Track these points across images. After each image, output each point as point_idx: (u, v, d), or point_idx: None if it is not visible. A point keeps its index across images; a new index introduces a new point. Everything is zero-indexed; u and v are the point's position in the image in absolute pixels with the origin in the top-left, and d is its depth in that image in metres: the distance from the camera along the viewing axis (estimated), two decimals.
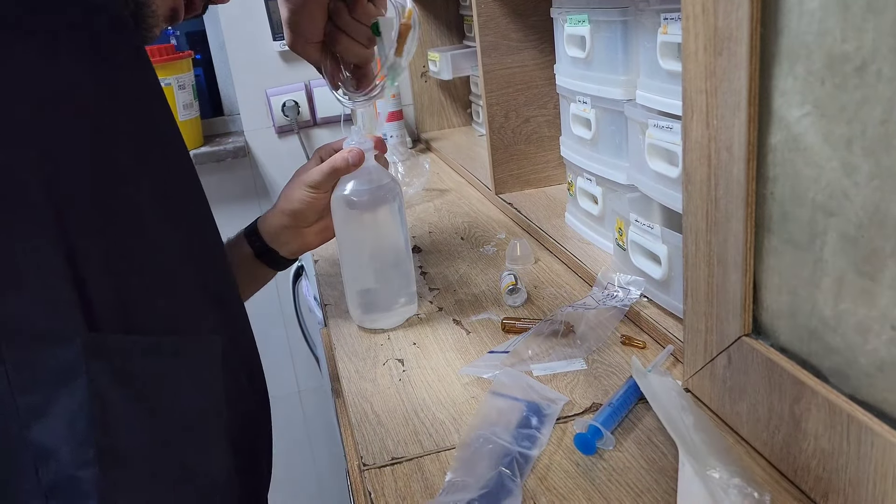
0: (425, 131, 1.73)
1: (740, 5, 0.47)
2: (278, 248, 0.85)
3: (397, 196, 0.79)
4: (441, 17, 1.68)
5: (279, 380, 1.88)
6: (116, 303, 0.48)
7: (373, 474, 0.58)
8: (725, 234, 0.53)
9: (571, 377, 0.68)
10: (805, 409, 0.48)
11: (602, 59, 0.85)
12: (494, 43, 1.12)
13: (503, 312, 0.82)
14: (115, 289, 0.48)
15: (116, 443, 0.47)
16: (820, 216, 0.46)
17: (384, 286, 0.81)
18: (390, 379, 0.71)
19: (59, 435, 0.46)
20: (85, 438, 0.46)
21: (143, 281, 0.50)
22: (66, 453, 0.46)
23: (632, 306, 0.77)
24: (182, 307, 0.53)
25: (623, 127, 0.84)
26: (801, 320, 0.49)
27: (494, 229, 1.09)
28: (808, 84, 0.45)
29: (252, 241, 0.85)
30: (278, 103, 1.65)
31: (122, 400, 0.47)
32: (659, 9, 0.70)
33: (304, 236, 0.85)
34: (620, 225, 0.80)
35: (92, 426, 0.46)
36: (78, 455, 0.46)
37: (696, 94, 0.53)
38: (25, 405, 0.45)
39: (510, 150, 1.17)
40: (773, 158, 0.49)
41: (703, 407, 0.61)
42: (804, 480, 0.50)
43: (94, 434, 0.46)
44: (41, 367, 0.45)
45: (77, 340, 0.45)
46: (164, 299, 0.52)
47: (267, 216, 0.86)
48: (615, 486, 0.54)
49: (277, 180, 1.73)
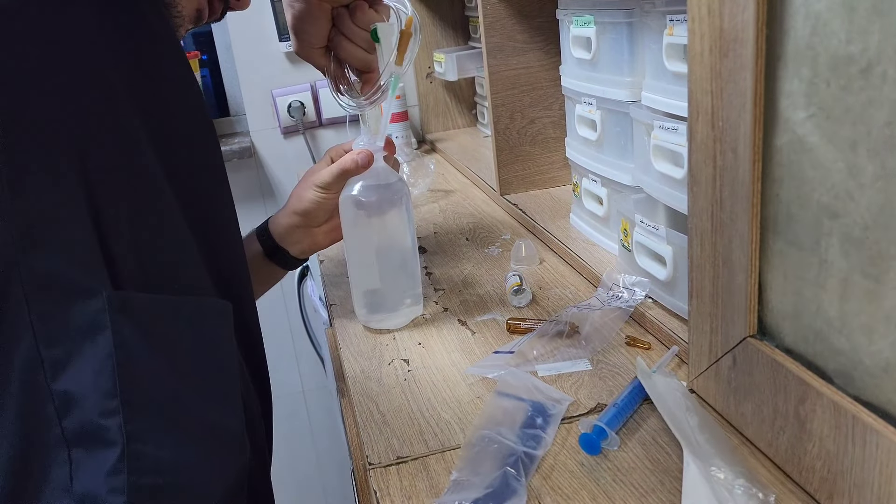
0: (430, 132, 1.74)
1: (746, 7, 0.47)
2: (288, 248, 0.87)
3: (405, 197, 0.79)
4: (446, 18, 1.68)
5: (283, 380, 1.88)
6: (136, 263, 0.51)
7: (378, 473, 0.58)
8: (731, 235, 0.53)
9: (576, 378, 0.68)
10: (810, 410, 0.48)
11: (608, 61, 0.85)
12: (500, 44, 1.12)
13: (508, 313, 0.83)
14: (136, 251, 0.51)
15: (140, 394, 0.49)
16: (825, 217, 0.46)
17: (390, 286, 0.82)
18: (396, 379, 0.72)
19: (85, 385, 0.48)
20: (110, 389, 0.48)
21: (159, 246, 0.53)
22: (92, 403, 0.48)
23: (636, 307, 0.77)
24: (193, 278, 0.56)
25: (628, 128, 0.84)
26: (806, 321, 0.49)
27: (499, 230, 1.10)
28: (814, 86, 0.45)
29: (263, 241, 0.87)
30: (284, 104, 1.66)
31: (145, 354, 0.50)
32: (665, 10, 0.70)
33: (313, 236, 0.87)
34: (625, 226, 0.81)
35: (117, 377, 0.48)
36: (103, 404, 0.48)
37: (702, 95, 0.53)
38: (50, 357, 0.47)
39: (515, 151, 1.17)
40: (778, 160, 0.49)
41: (707, 408, 0.61)
42: (809, 481, 0.50)
43: (119, 385, 0.48)
44: (67, 321, 0.47)
45: (103, 294, 0.48)
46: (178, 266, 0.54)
47: (278, 216, 0.87)
48: (620, 486, 0.54)
49: (283, 181, 1.73)
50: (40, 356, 0.47)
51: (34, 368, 0.47)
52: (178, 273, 0.54)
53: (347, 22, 0.73)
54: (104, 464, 0.48)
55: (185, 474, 0.52)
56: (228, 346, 0.57)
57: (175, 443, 0.51)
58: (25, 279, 0.46)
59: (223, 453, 0.55)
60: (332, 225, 0.87)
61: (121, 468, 0.48)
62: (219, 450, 0.55)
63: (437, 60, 1.60)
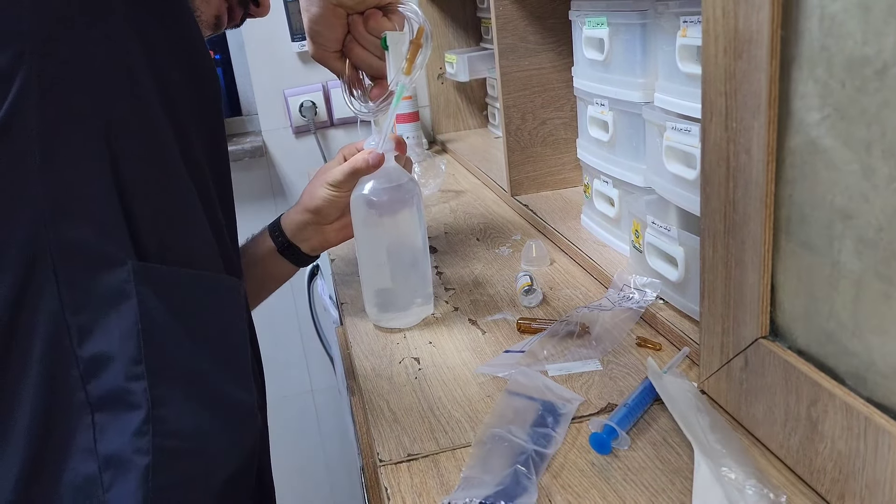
0: (441, 133, 1.74)
1: (761, 8, 0.47)
2: (300, 244, 0.88)
3: (416, 196, 0.80)
4: (458, 19, 1.69)
5: (293, 379, 1.89)
6: (157, 239, 0.53)
7: (389, 470, 0.58)
8: (743, 236, 0.53)
9: (586, 378, 0.68)
10: (822, 411, 0.48)
11: (620, 62, 0.85)
12: (512, 45, 1.12)
13: (518, 313, 0.83)
14: (157, 226, 0.53)
15: (163, 362, 0.52)
16: (838, 219, 0.46)
17: (401, 286, 0.82)
18: (406, 377, 0.72)
19: (111, 350, 0.50)
20: (136, 355, 0.51)
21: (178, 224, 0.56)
22: (118, 368, 0.50)
23: (647, 308, 0.77)
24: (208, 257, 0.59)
25: (640, 129, 0.84)
26: (818, 323, 0.49)
27: (510, 231, 1.10)
28: (828, 87, 0.45)
29: (275, 237, 0.88)
30: (296, 104, 1.66)
31: (168, 324, 0.53)
32: (678, 12, 0.70)
33: (324, 233, 0.88)
34: (637, 227, 0.81)
35: (143, 344, 0.51)
36: (129, 370, 0.51)
37: (716, 96, 0.54)
38: (77, 323, 0.50)
39: (526, 152, 1.17)
40: (791, 161, 0.49)
41: (718, 409, 0.61)
42: (820, 483, 0.50)
43: (144, 351, 0.51)
44: (94, 289, 0.50)
45: (128, 264, 0.51)
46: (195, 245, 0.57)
47: (290, 213, 0.89)
48: (630, 485, 0.54)
49: (294, 180, 1.74)
50: (66, 322, 0.50)
51: (60, 334, 0.50)
52: (194, 251, 0.57)
53: (360, 28, 0.74)
54: (129, 425, 0.50)
55: (203, 441, 0.54)
56: (241, 322, 0.60)
57: (194, 411, 0.54)
58: (54, 247, 0.49)
59: (238, 425, 0.58)
60: (343, 223, 0.88)
61: (146, 430, 0.50)
62: (234, 421, 0.57)
63: (448, 61, 1.60)
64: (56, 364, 0.50)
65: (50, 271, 0.49)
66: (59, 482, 0.50)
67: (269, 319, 1.79)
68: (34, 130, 0.47)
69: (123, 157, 0.51)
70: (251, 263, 0.88)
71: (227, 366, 0.57)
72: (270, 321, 1.79)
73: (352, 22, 0.74)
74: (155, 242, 0.53)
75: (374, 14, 0.73)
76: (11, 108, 0.46)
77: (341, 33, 0.74)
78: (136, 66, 0.52)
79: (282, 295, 1.79)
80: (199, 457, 0.54)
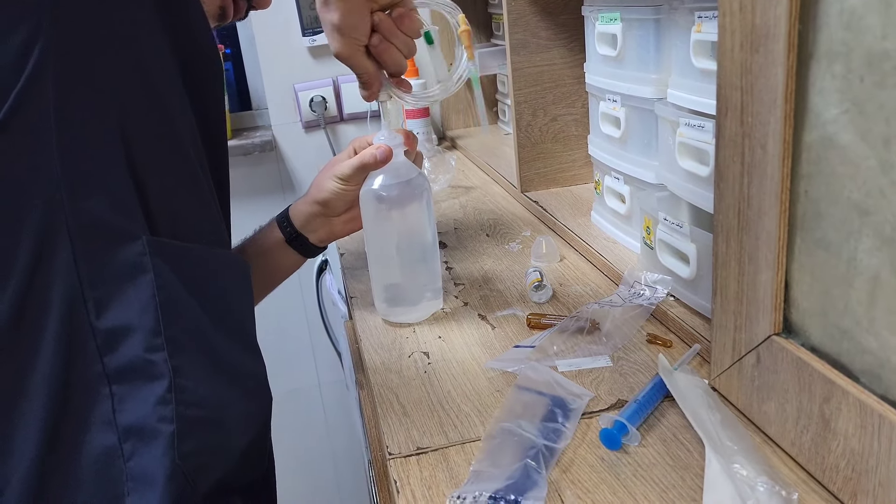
0: (451, 129, 1.74)
1: (779, 2, 0.47)
2: (308, 235, 0.88)
3: (425, 191, 0.80)
4: (469, 15, 1.67)
5: (300, 373, 1.89)
6: (169, 214, 0.55)
7: (398, 463, 0.58)
8: (757, 232, 0.53)
9: (597, 374, 0.68)
10: (835, 408, 0.48)
11: (633, 58, 0.85)
12: (524, 41, 1.12)
13: (528, 308, 0.83)
14: (168, 201, 0.55)
15: (181, 333, 0.54)
16: (855, 215, 0.45)
17: (410, 281, 0.82)
18: (416, 371, 0.72)
19: (130, 322, 0.52)
20: (154, 327, 0.52)
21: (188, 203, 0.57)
22: (139, 339, 0.52)
23: (658, 305, 0.76)
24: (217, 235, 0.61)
25: (653, 125, 0.83)
26: (832, 319, 0.49)
27: (520, 227, 1.10)
28: (847, 82, 0.44)
29: (283, 228, 0.88)
30: (306, 98, 1.67)
31: (183, 296, 0.54)
32: (693, 7, 0.70)
33: (332, 225, 0.88)
34: (648, 224, 0.80)
35: (161, 316, 0.52)
36: (150, 341, 0.52)
37: (731, 91, 0.53)
38: (94, 297, 0.51)
39: (537, 148, 1.17)
40: (808, 156, 0.48)
41: (729, 406, 0.61)
42: (832, 481, 0.49)
43: (163, 322, 0.52)
44: (110, 263, 0.52)
45: (143, 239, 0.52)
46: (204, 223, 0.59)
47: (298, 203, 0.89)
48: (640, 481, 0.54)
49: (304, 175, 1.74)
50: (83, 296, 0.51)
51: (76, 308, 0.51)
52: (203, 228, 0.58)
53: (391, 26, 0.73)
54: (151, 395, 0.52)
55: (222, 411, 0.56)
56: (248, 297, 0.62)
57: (212, 381, 0.55)
58: (71, 221, 0.50)
59: (252, 395, 0.59)
60: (350, 215, 0.88)
61: (169, 399, 0.52)
62: (248, 391, 0.59)
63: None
64: (73, 337, 0.51)
65: (67, 244, 0.50)
66: (79, 452, 0.52)
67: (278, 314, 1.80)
68: (51, 104, 0.49)
69: (135, 134, 0.52)
70: (259, 254, 0.88)
71: (238, 338, 0.59)
72: (279, 316, 1.79)
73: (380, 21, 0.73)
74: (167, 219, 0.54)
75: (409, 14, 0.74)
76: (29, 80, 0.47)
77: (370, 24, 0.73)
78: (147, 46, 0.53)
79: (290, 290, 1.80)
80: (219, 426, 0.55)
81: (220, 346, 0.56)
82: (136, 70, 0.52)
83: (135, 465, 0.51)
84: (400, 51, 0.75)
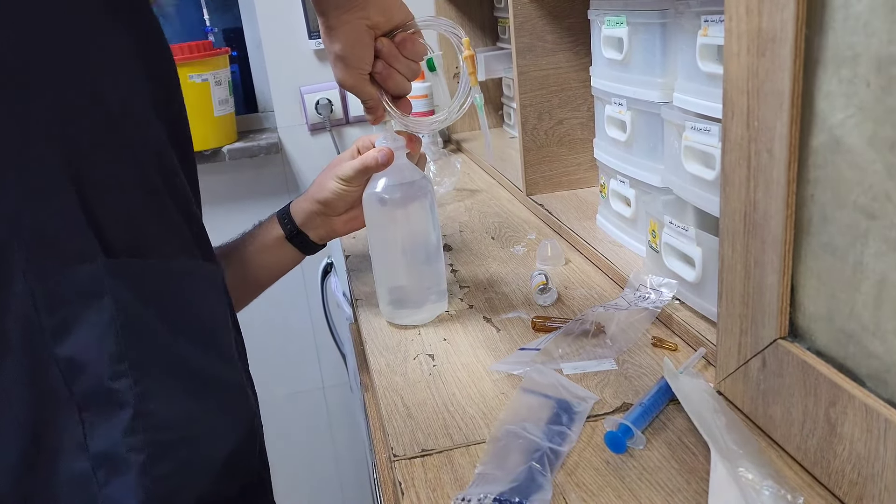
0: (456, 132, 1.74)
1: (785, 7, 0.47)
2: (308, 233, 0.89)
3: (429, 194, 0.80)
4: (475, 19, 1.69)
5: (304, 375, 1.89)
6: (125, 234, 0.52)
7: (403, 465, 0.58)
8: (763, 236, 0.53)
9: (601, 377, 0.68)
10: (841, 413, 0.48)
11: (639, 61, 0.85)
12: (530, 44, 1.12)
13: (533, 311, 0.83)
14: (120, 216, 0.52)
15: (145, 355, 0.51)
16: (861, 219, 0.45)
17: (415, 283, 0.82)
18: (420, 373, 0.72)
19: (90, 350, 0.50)
20: (116, 352, 0.50)
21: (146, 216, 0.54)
22: (99, 367, 0.50)
23: (663, 308, 0.76)
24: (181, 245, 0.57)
25: (659, 129, 0.83)
26: (839, 324, 0.49)
27: (525, 230, 1.10)
28: (854, 86, 0.44)
29: (284, 224, 0.89)
30: (312, 101, 1.67)
31: (144, 316, 0.52)
32: (699, 11, 0.70)
33: (332, 223, 0.89)
34: (654, 227, 0.80)
35: (122, 340, 0.50)
36: (111, 368, 0.50)
37: (738, 94, 0.53)
38: (51, 324, 0.49)
39: (542, 151, 1.17)
40: (814, 160, 0.48)
41: (734, 410, 0.60)
42: (838, 485, 0.49)
43: (124, 347, 0.50)
44: (65, 287, 0.49)
45: (99, 260, 0.50)
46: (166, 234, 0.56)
47: (299, 200, 0.90)
48: (645, 484, 0.54)
49: (309, 177, 1.74)
50: (40, 323, 0.49)
51: (34, 334, 0.49)
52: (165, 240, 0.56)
53: (394, 52, 0.74)
54: (118, 424, 0.50)
55: (195, 426, 0.54)
56: (220, 305, 0.60)
57: (182, 398, 0.53)
58: (21, 245, 0.48)
59: (228, 404, 0.58)
60: (351, 215, 0.88)
61: (136, 427, 0.50)
62: (223, 401, 0.57)
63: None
64: (36, 364, 0.49)
65: (20, 271, 0.48)
66: (55, 475, 0.50)
67: (283, 316, 1.80)
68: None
69: (82, 157, 0.50)
70: (259, 250, 0.88)
71: (208, 348, 0.56)
72: (284, 318, 1.80)
73: (382, 47, 0.74)
74: (122, 239, 0.52)
75: (412, 38, 0.74)
76: None
77: (373, 52, 0.74)
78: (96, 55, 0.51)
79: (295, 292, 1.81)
80: (194, 442, 0.54)
81: (190, 358, 0.55)
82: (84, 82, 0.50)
83: (110, 493, 0.50)
84: (403, 75, 0.76)
